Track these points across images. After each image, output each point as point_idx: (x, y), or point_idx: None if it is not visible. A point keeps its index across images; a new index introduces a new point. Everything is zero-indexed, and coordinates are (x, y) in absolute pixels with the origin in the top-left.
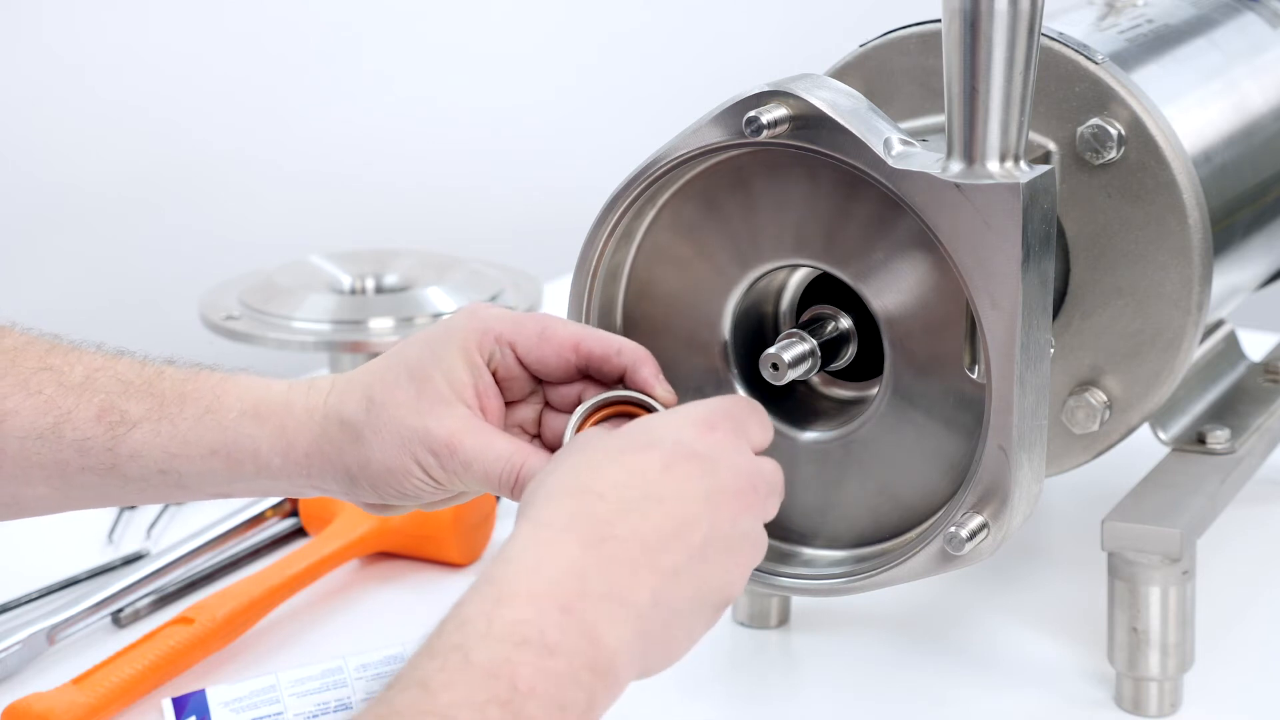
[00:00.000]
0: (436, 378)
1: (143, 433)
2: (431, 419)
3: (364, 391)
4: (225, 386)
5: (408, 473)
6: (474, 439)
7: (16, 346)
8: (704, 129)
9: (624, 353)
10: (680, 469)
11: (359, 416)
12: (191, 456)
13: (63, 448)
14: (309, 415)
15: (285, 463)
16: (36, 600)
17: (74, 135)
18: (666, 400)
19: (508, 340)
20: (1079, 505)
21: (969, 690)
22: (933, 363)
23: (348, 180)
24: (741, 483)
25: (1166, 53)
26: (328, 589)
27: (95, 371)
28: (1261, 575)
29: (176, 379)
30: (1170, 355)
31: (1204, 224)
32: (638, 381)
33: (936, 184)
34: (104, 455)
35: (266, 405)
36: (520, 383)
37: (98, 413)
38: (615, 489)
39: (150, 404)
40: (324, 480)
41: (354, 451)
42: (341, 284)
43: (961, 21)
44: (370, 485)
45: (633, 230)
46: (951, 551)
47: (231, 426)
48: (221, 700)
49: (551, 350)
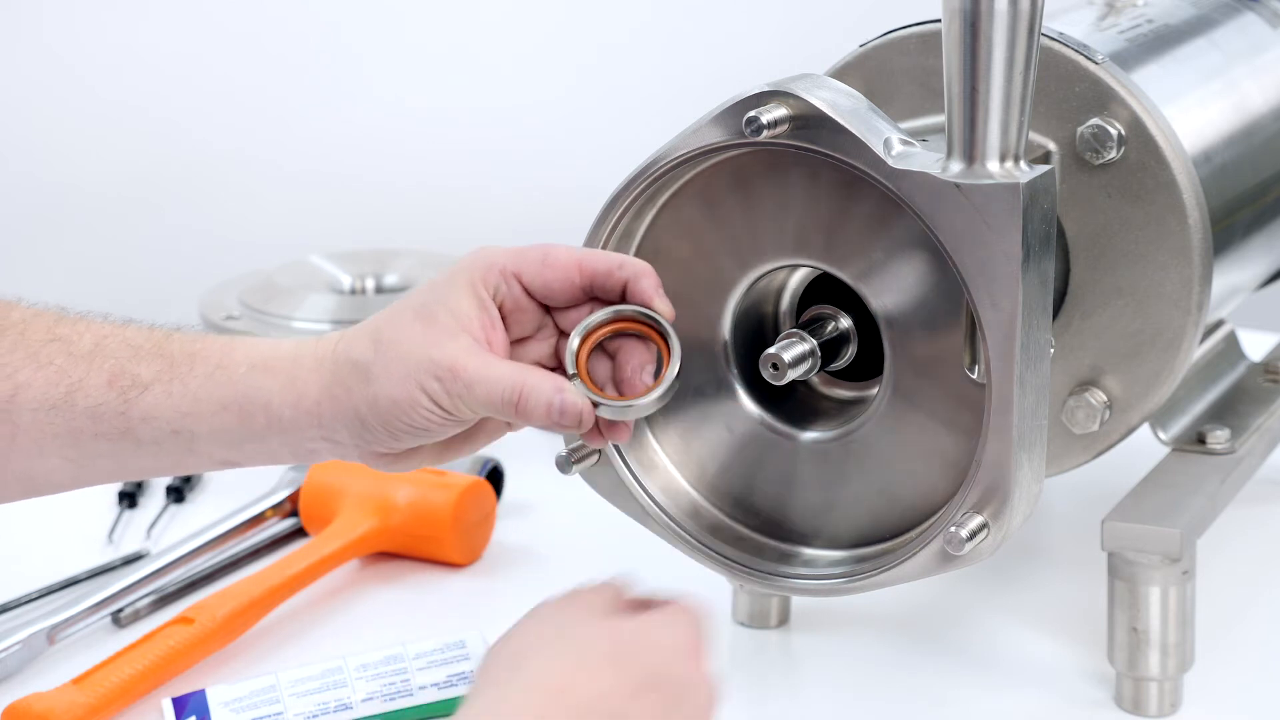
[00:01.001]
0: (441, 314)
1: (154, 394)
2: (435, 348)
3: (371, 335)
4: (233, 344)
5: (415, 403)
6: (476, 361)
7: (24, 319)
8: (704, 129)
9: (625, 266)
10: (650, 698)
11: (367, 356)
12: (203, 414)
13: (76, 416)
14: (318, 363)
15: (296, 413)
16: (36, 600)
17: (74, 135)
18: (665, 312)
19: (512, 271)
20: (1079, 505)
21: (969, 690)
22: (933, 363)
23: (348, 180)
24: (705, 713)
25: (1166, 53)
26: (328, 589)
27: (104, 339)
28: (1261, 575)
29: (185, 340)
30: (1170, 355)
31: (1204, 224)
32: (638, 294)
33: (936, 184)
34: (117, 420)
35: (276, 358)
36: (529, 314)
37: (109, 379)
38: (588, 706)
39: (160, 365)
40: (335, 428)
41: (363, 390)
42: (341, 284)
43: (961, 21)
44: (380, 423)
45: (633, 230)
46: (951, 551)
47: (242, 380)
48: (221, 700)
49: (556, 273)
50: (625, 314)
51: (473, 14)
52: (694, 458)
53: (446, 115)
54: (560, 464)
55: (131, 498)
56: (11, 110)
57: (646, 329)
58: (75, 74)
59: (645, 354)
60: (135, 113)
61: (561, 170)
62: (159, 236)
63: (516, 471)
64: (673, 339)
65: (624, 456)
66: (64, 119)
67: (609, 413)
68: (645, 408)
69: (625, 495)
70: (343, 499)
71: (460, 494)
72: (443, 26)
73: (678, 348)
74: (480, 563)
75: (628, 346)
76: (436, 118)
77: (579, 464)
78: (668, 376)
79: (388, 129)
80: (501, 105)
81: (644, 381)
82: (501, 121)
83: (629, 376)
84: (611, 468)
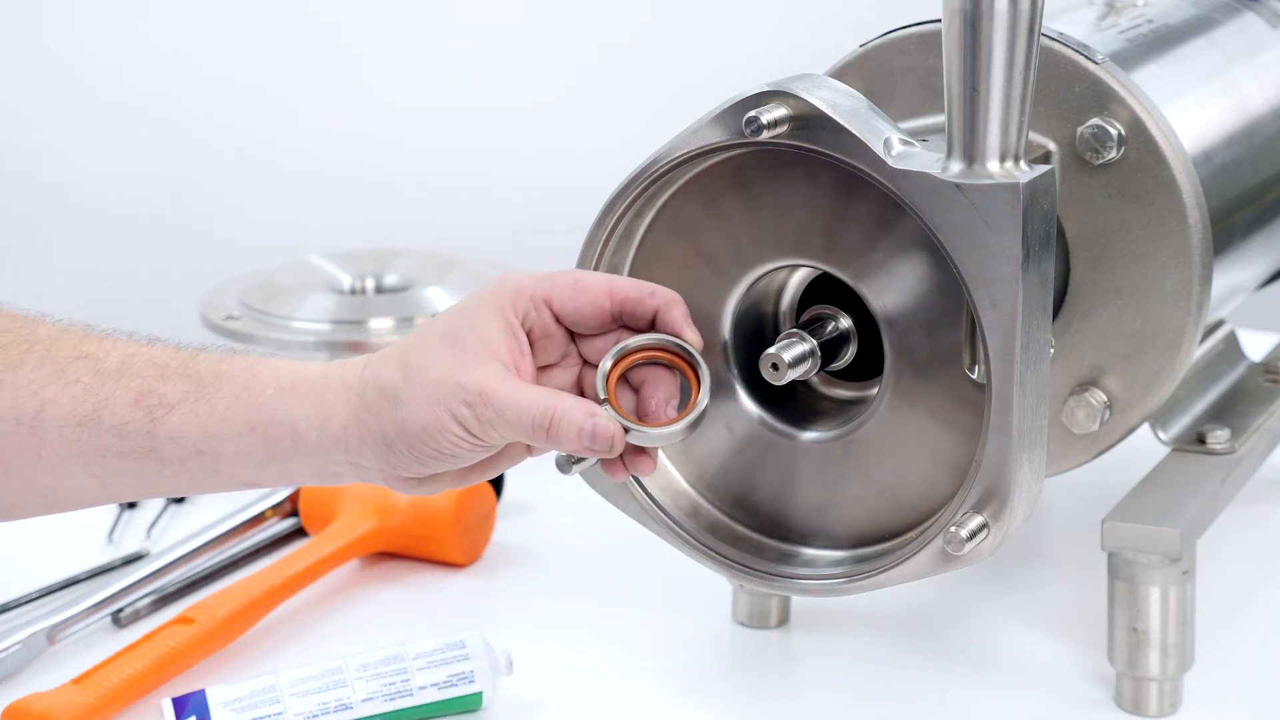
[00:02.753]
0: (470, 340)
1: (181, 414)
2: (464, 374)
3: (400, 360)
4: (260, 366)
5: (444, 429)
6: (506, 387)
7: (51, 336)
8: (704, 129)
9: (657, 294)
10: None
11: (396, 381)
12: (229, 435)
13: (102, 434)
14: (346, 387)
15: (323, 436)
16: (36, 600)
17: (74, 135)
18: (695, 343)
19: (542, 297)
20: (1079, 505)
21: (969, 690)
22: (933, 363)
23: (348, 180)
24: None
25: (1166, 53)
26: (328, 589)
27: (130, 357)
28: (1261, 575)
29: (211, 360)
30: (1170, 355)
31: (1204, 224)
32: (668, 323)
33: (936, 184)
34: (143, 439)
35: (304, 381)
36: (556, 341)
37: (135, 397)
38: None
39: (187, 386)
40: (361, 452)
41: (391, 416)
42: (341, 284)
43: (961, 21)
44: (408, 449)
45: (633, 230)
46: (951, 551)
47: (269, 403)
48: (221, 700)
49: (587, 299)
50: (659, 343)
51: (473, 14)
52: (693, 457)
53: (446, 115)
54: (560, 464)
55: None
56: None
57: (676, 359)
58: (75, 74)
59: (670, 387)
60: (135, 113)
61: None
62: (159, 236)
63: (516, 471)
64: (703, 369)
65: (624, 457)
66: (64, 119)
67: (638, 439)
68: (674, 435)
69: (625, 495)
70: (343, 499)
71: (460, 494)
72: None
73: (708, 378)
74: (480, 563)
75: (653, 378)
76: (436, 118)
77: (579, 464)
78: (698, 406)
79: (387, 129)
80: (501, 105)
81: (668, 415)
82: (501, 121)
83: (654, 410)
84: None
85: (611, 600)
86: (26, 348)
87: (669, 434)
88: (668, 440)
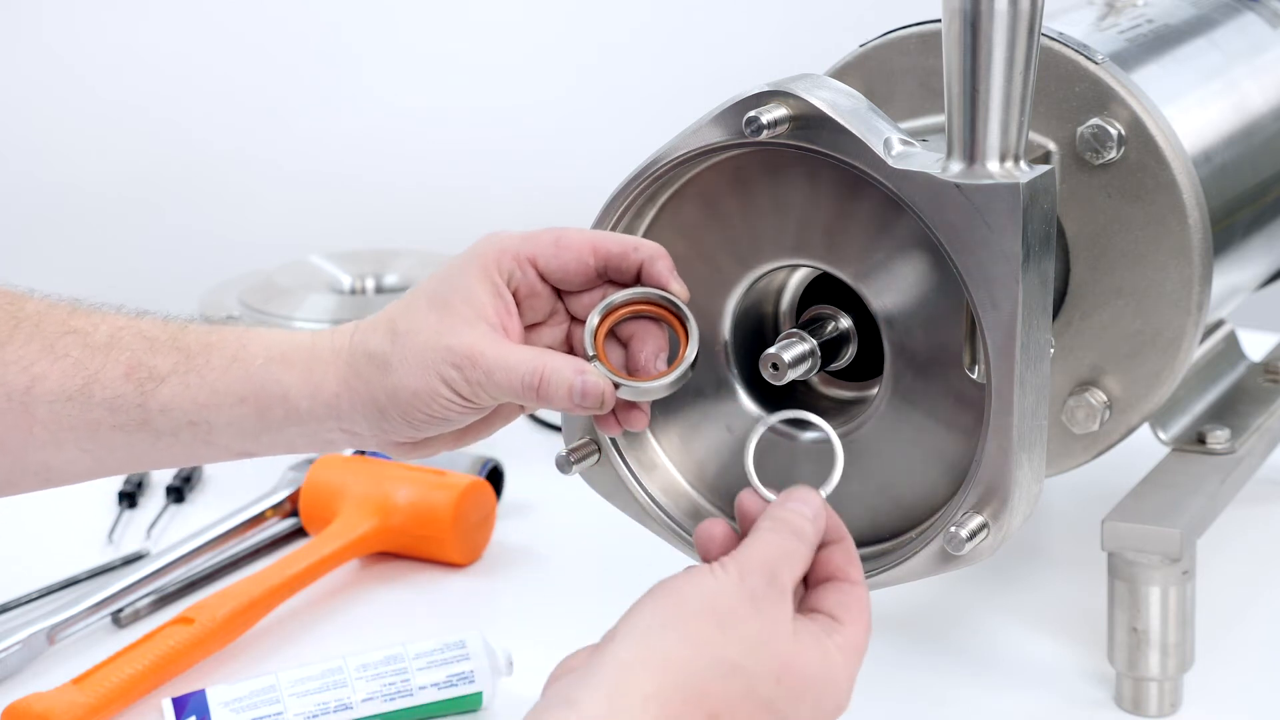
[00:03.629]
0: (456, 302)
1: (171, 386)
2: (452, 336)
3: (388, 325)
4: (249, 336)
5: (434, 393)
6: (494, 348)
7: (39, 311)
8: (704, 129)
9: (641, 248)
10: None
11: (385, 347)
12: (220, 406)
13: (93, 408)
14: (335, 355)
15: (314, 404)
16: (36, 600)
17: (74, 135)
18: (681, 294)
19: (526, 256)
20: (1079, 505)
21: (969, 690)
22: (933, 363)
23: (348, 180)
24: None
25: (1166, 53)
26: (328, 589)
27: (120, 330)
28: (1261, 575)
29: (200, 332)
30: (1170, 355)
31: (1204, 224)
32: (653, 277)
33: (936, 184)
34: (134, 412)
35: (293, 350)
36: (542, 300)
37: (126, 370)
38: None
39: (177, 358)
40: (353, 419)
41: (382, 382)
42: (341, 284)
43: (961, 21)
44: (400, 414)
45: (633, 230)
46: (951, 551)
47: (259, 373)
48: (221, 700)
49: (570, 256)
50: (646, 296)
51: (473, 14)
52: (694, 458)
53: (446, 115)
54: (560, 464)
55: (131, 498)
56: (11, 110)
57: (663, 311)
58: (75, 74)
59: (659, 340)
60: (135, 113)
61: (561, 170)
62: (159, 236)
63: (516, 471)
64: (690, 321)
65: (624, 456)
66: (64, 119)
67: (629, 394)
68: (664, 388)
69: (625, 495)
70: (343, 499)
71: (460, 494)
72: (443, 27)
73: (695, 330)
74: (480, 563)
75: (641, 332)
76: (436, 118)
77: (579, 464)
78: (687, 357)
79: (388, 129)
80: (501, 105)
81: (658, 368)
82: (501, 121)
83: (644, 364)
84: (611, 468)
85: (611, 600)
86: (14, 324)
87: (659, 387)
88: (659, 393)
